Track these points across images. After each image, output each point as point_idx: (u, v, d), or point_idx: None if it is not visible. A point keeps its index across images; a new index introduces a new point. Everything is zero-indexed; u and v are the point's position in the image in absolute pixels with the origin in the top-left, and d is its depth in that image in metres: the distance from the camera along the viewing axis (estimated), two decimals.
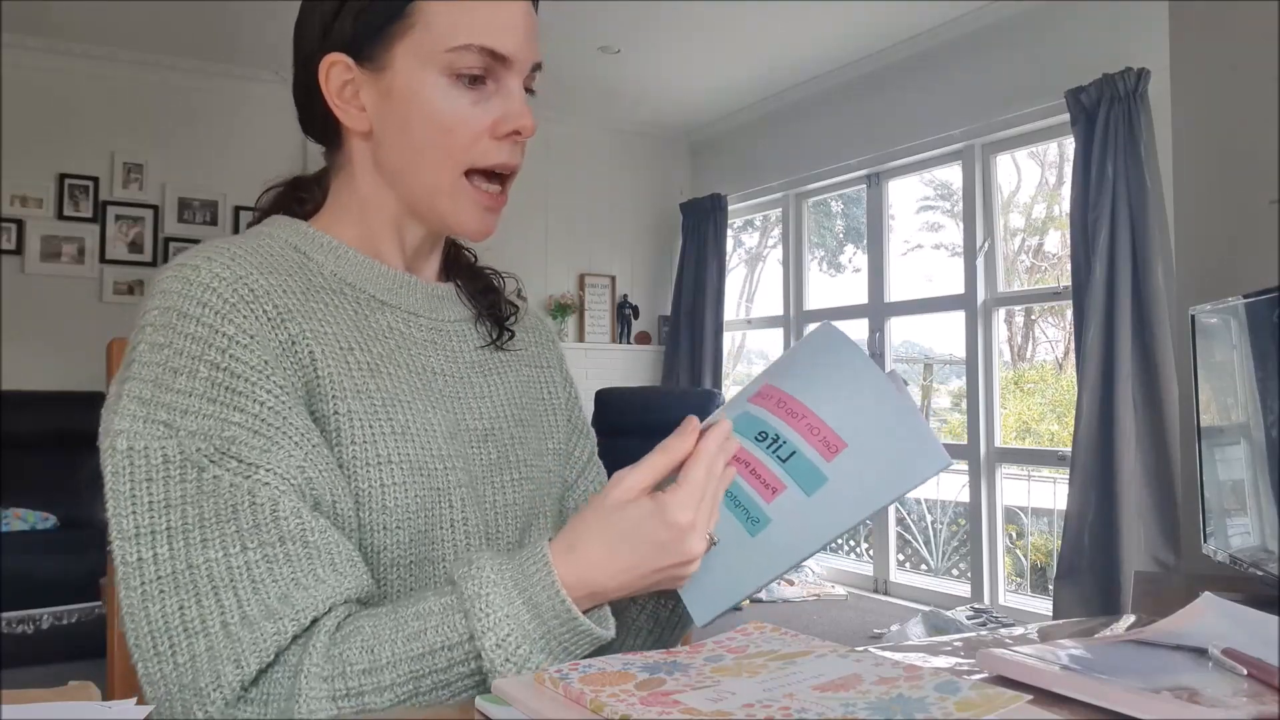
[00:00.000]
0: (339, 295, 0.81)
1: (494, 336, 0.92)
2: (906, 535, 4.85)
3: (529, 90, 0.84)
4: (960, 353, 4.21)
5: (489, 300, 0.94)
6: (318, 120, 0.86)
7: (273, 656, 0.65)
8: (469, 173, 0.82)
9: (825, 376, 0.74)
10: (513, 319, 0.95)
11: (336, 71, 0.81)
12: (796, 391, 0.73)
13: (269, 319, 0.74)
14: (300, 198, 0.90)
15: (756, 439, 0.73)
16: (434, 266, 0.92)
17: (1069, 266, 3.49)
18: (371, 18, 0.80)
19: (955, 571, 4.60)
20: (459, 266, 0.96)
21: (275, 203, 0.90)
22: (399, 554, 0.76)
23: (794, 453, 0.71)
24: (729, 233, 5.47)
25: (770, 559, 0.72)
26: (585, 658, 0.68)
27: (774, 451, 0.72)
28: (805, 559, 0.73)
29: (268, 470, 0.68)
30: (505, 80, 0.81)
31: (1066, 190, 3.64)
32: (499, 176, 0.84)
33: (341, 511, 0.73)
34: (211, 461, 0.68)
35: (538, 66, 0.84)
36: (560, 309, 5.41)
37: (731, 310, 5.60)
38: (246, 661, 0.64)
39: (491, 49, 0.79)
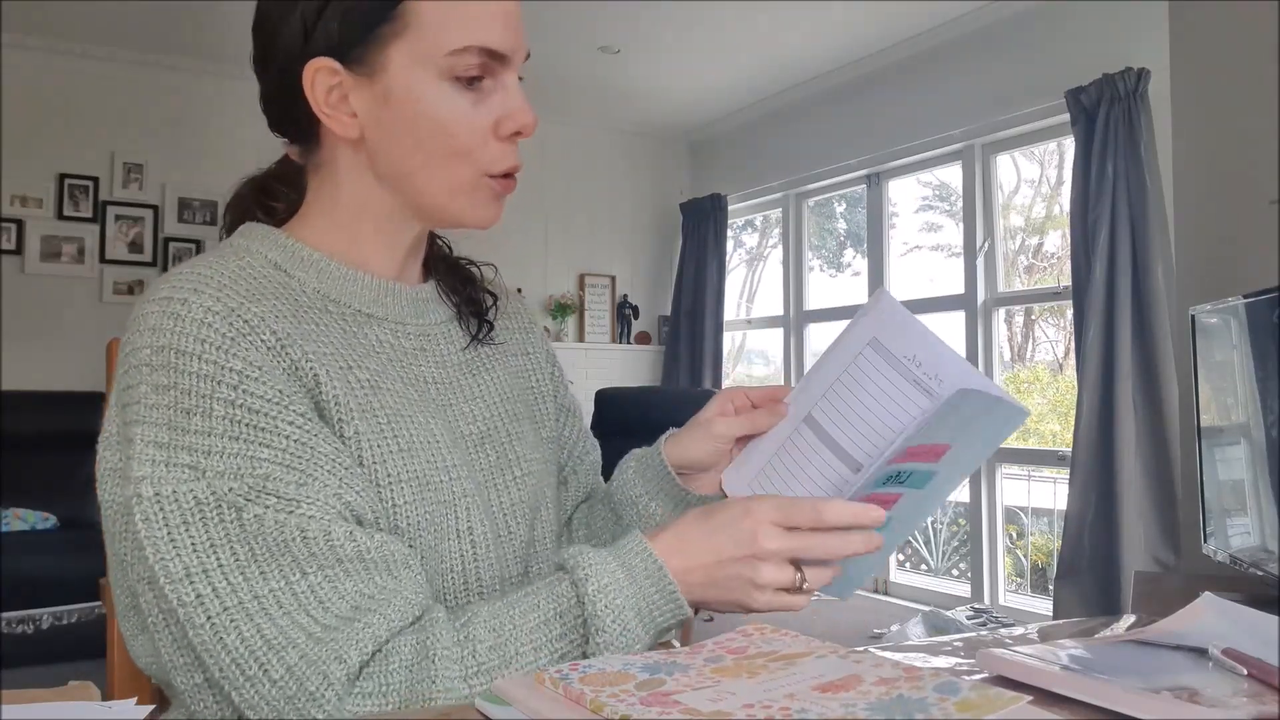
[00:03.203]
0: (325, 314, 0.79)
1: (474, 332, 0.91)
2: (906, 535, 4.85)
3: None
4: (960, 352, 4.21)
5: (467, 293, 0.93)
6: (295, 123, 0.82)
7: (370, 650, 0.66)
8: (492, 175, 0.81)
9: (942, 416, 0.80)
10: (492, 309, 0.94)
11: (323, 77, 0.77)
12: (926, 437, 0.80)
13: (269, 348, 0.72)
14: (270, 206, 0.87)
15: (882, 482, 0.79)
16: (418, 266, 0.90)
17: (1069, 266, 3.49)
18: (360, 20, 0.76)
19: (955, 571, 4.60)
20: (435, 259, 0.94)
21: (245, 208, 0.87)
22: None
23: (911, 473, 0.77)
24: (729, 233, 5.47)
25: (888, 543, 0.76)
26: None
27: (896, 481, 0.78)
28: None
29: (309, 503, 0.68)
30: (502, 76, 0.80)
31: (1066, 190, 3.64)
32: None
33: (382, 526, 0.74)
34: (248, 501, 0.67)
35: (528, 55, 0.83)
36: (560, 309, 5.41)
37: (731, 310, 5.60)
38: (349, 656, 0.65)
39: (491, 48, 0.77)
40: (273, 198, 0.88)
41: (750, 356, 5.93)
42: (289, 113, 0.82)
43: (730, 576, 0.72)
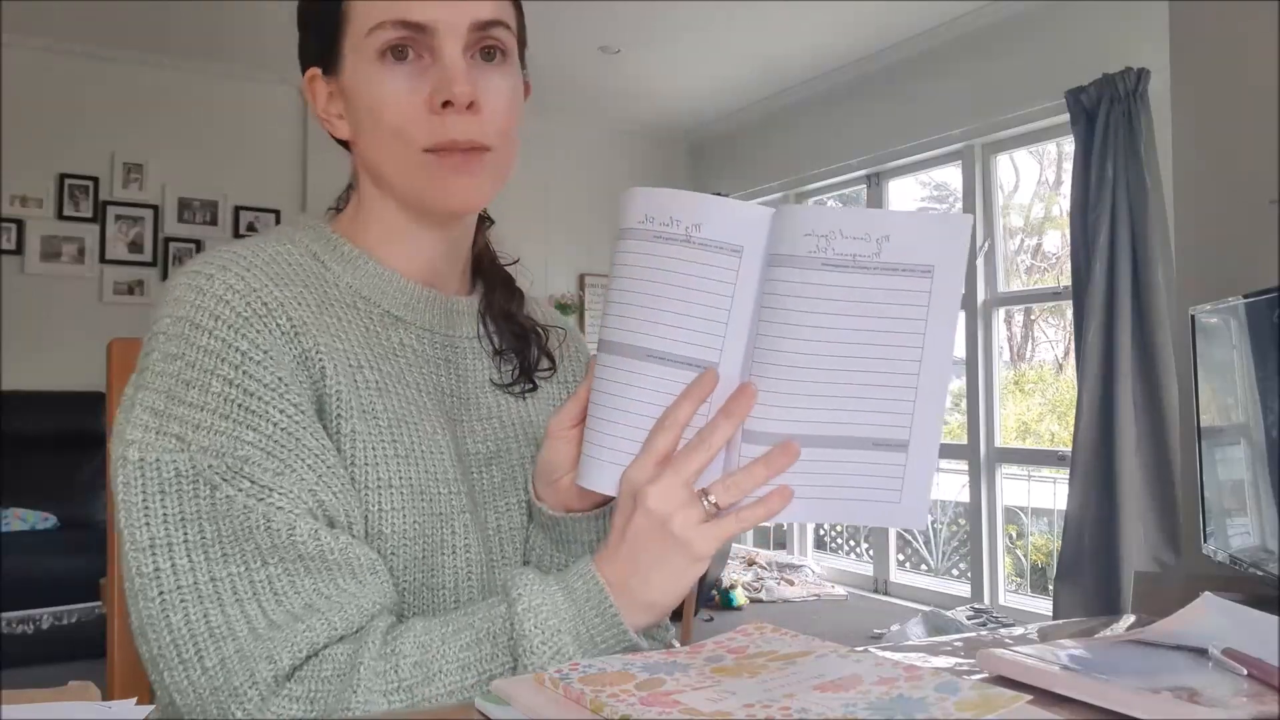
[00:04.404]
0: (352, 309, 0.80)
1: (514, 378, 0.89)
2: (906, 535, 4.85)
3: (496, 50, 0.79)
4: (960, 352, 4.21)
5: (519, 348, 0.90)
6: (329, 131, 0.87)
7: (304, 655, 0.66)
8: (434, 151, 0.77)
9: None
10: (547, 368, 0.92)
11: (318, 86, 0.83)
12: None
13: (283, 332, 0.73)
14: (338, 205, 0.91)
15: None
16: (457, 275, 0.89)
17: (1069, 266, 3.49)
18: (321, 27, 0.81)
19: (955, 571, 4.60)
20: (495, 304, 0.91)
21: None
22: (396, 579, 0.75)
23: None
24: None
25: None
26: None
27: None
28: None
29: (281, 494, 0.68)
30: (440, 50, 0.77)
31: (1066, 190, 3.64)
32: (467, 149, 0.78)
33: (356, 531, 0.73)
34: (224, 480, 0.67)
35: (493, 24, 0.78)
36: (560, 309, 5.41)
37: None
38: (279, 658, 0.65)
39: (404, 20, 0.76)
40: (341, 200, 0.91)
41: None
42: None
43: (655, 556, 0.68)
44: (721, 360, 0.68)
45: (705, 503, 0.67)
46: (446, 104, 0.76)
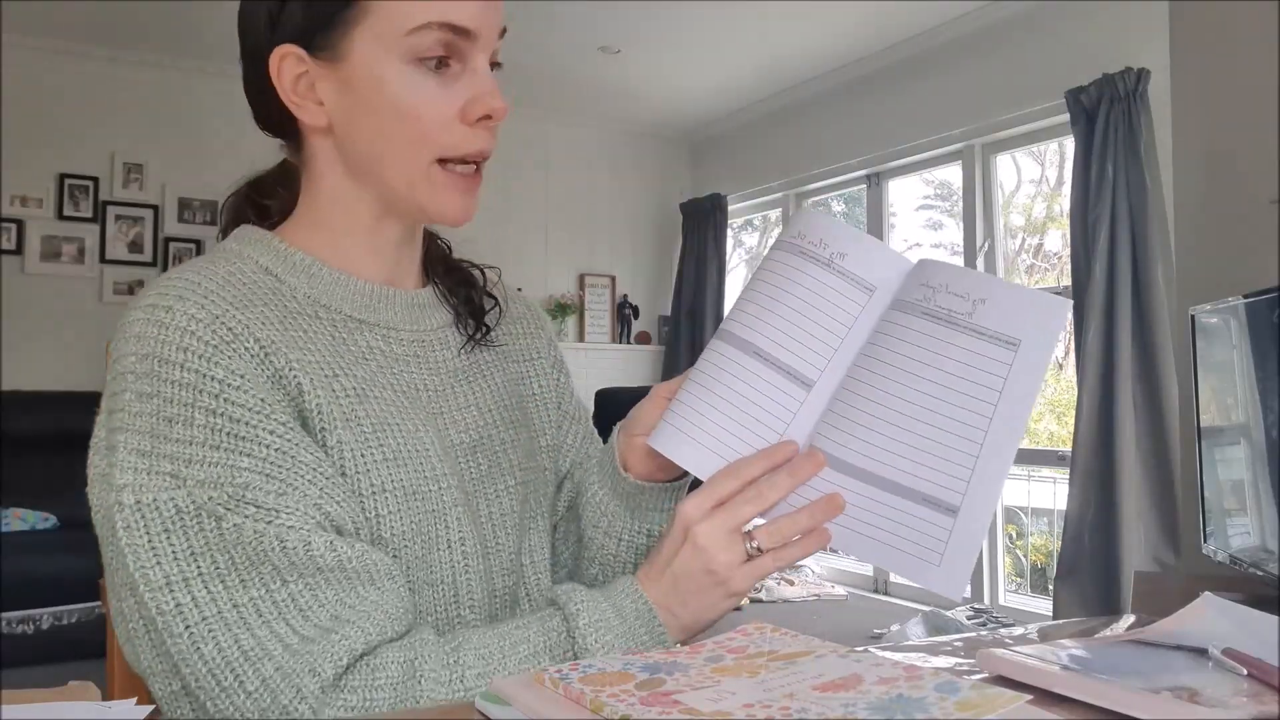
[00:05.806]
0: (315, 320, 0.78)
1: (471, 333, 0.89)
2: None
3: (495, 63, 0.80)
4: None
5: (465, 295, 0.90)
6: (272, 116, 0.81)
7: (345, 663, 0.66)
8: (443, 160, 0.77)
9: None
10: (495, 310, 0.92)
11: (289, 65, 0.76)
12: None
13: (252, 355, 0.71)
14: (264, 205, 0.86)
15: None
16: (415, 271, 0.88)
17: (1069, 266, 3.49)
18: (322, 5, 0.75)
19: None
20: (434, 261, 0.91)
21: (239, 209, 0.86)
22: None
23: None
24: (729, 233, 5.47)
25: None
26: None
27: None
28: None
29: (288, 513, 0.68)
30: (471, 58, 0.77)
31: (1067, 190, 3.64)
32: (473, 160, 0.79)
33: (363, 537, 0.73)
34: (228, 510, 0.67)
35: (503, 32, 0.80)
36: (560, 309, 5.41)
37: None
38: (322, 669, 0.65)
39: (452, 24, 0.74)
40: (266, 197, 0.86)
41: None
42: (266, 105, 0.80)
43: (696, 589, 0.72)
44: (819, 381, 0.73)
45: (748, 546, 0.71)
46: (486, 118, 0.77)
